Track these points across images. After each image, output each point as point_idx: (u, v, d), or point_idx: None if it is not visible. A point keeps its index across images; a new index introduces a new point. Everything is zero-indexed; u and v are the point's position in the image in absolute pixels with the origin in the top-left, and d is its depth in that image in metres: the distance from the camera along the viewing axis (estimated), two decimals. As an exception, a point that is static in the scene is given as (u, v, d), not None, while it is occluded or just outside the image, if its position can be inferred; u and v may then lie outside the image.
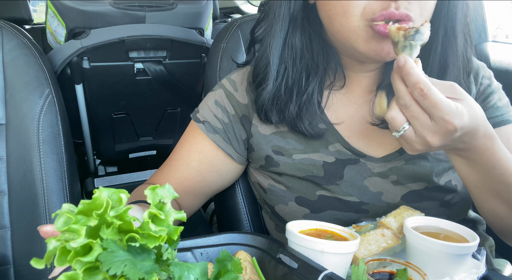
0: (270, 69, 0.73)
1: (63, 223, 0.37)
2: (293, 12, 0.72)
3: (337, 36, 0.68)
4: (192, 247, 0.54)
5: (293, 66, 0.73)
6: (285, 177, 0.77)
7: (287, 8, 0.71)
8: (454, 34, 0.68)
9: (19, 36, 0.99)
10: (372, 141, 0.76)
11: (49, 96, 0.98)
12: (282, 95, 0.74)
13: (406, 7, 0.61)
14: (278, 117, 0.75)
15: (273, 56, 0.73)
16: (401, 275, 0.52)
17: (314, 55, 0.73)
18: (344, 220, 0.75)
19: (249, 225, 0.95)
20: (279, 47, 0.73)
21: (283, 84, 0.73)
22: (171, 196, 0.40)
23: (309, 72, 0.73)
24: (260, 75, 0.75)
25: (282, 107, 0.74)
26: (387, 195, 0.74)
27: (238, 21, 1.06)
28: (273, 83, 0.73)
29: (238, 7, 3.13)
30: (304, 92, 0.73)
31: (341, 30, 0.66)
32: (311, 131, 0.74)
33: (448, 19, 0.68)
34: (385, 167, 0.74)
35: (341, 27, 0.66)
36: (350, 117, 0.77)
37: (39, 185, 0.94)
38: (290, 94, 0.73)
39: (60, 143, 0.98)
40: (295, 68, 0.73)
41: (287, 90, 0.73)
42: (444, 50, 0.69)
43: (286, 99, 0.74)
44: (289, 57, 0.73)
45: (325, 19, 0.69)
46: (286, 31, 0.72)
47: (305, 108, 0.73)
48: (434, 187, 0.74)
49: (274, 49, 0.72)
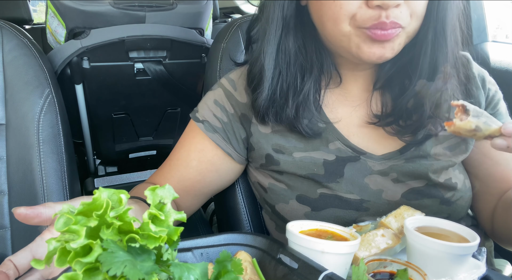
0: (265, 74, 0.73)
1: (63, 223, 0.37)
2: (285, 16, 0.72)
3: (330, 39, 0.69)
4: (192, 248, 0.54)
5: (287, 69, 0.73)
6: (286, 176, 0.77)
7: (280, 13, 0.71)
8: (444, 36, 0.68)
9: (19, 36, 0.99)
10: (372, 139, 0.77)
11: (49, 96, 0.98)
12: (278, 98, 0.74)
13: (396, 15, 0.62)
14: (275, 120, 0.75)
15: (267, 62, 0.73)
16: (402, 275, 0.52)
17: (308, 56, 0.73)
18: (345, 218, 0.75)
19: (249, 225, 0.95)
20: (273, 53, 0.73)
21: (278, 88, 0.74)
22: (171, 196, 0.40)
23: (304, 72, 0.74)
24: (255, 80, 0.75)
25: (279, 110, 0.74)
26: (387, 192, 0.74)
27: (238, 21, 1.06)
28: (268, 88, 0.74)
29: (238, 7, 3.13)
30: (300, 92, 0.73)
31: (333, 35, 0.67)
32: (309, 131, 0.74)
33: (438, 22, 0.68)
34: (385, 165, 0.75)
35: (332, 32, 0.67)
36: (348, 115, 0.78)
37: (39, 185, 0.94)
38: (285, 97, 0.74)
39: (60, 143, 0.98)
40: (290, 72, 0.73)
41: (282, 93, 0.74)
42: (433, 52, 0.69)
43: (282, 102, 0.74)
44: (283, 61, 0.73)
45: (317, 22, 0.70)
46: (280, 36, 0.72)
47: (302, 108, 0.74)
48: (434, 185, 0.74)
49: (268, 55, 0.73)
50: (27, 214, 0.48)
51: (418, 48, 0.70)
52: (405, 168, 0.74)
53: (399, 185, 0.75)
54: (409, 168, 0.74)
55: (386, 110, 0.77)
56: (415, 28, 0.67)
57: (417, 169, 0.74)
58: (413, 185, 0.74)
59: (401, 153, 0.75)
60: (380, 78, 0.77)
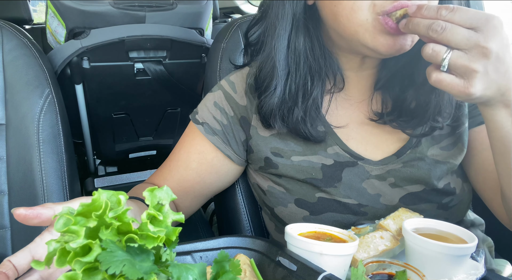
0: (277, 72, 0.71)
1: (62, 224, 0.37)
2: (295, 13, 0.70)
3: (343, 32, 0.66)
4: (191, 251, 0.54)
5: (296, 70, 0.72)
6: (284, 179, 0.77)
7: (290, 9, 0.70)
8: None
9: (19, 36, 0.99)
10: (370, 144, 0.76)
11: (49, 96, 0.98)
12: (287, 99, 0.72)
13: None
14: (282, 123, 0.74)
15: (279, 58, 0.71)
16: (400, 277, 0.52)
17: (315, 58, 0.72)
18: (343, 222, 0.75)
19: (249, 225, 0.95)
20: (284, 49, 0.71)
21: (287, 89, 0.72)
22: (169, 198, 0.40)
23: (313, 75, 0.72)
24: (266, 79, 0.73)
25: (286, 112, 0.73)
26: (385, 197, 0.74)
27: (238, 21, 1.06)
28: (281, 87, 0.72)
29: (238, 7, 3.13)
30: (310, 96, 0.72)
31: (348, 26, 0.64)
32: (315, 134, 0.74)
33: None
34: (383, 170, 0.75)
35: (347, 23, 0.64)
36: (349, 119, 0.77)
37: (39, 185, 0.94)
38: (294, 99, 0.72)
39: (60, 143, 0.98)
40: (299, 72, 0.72)
41: (291, 95, 0.72)
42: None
43: (291, 104, 0.72)
44: (293, 61, 0.71)
45: (329, 16, 0.67)
46: (289, 33, 0.71)
47: (309, 112, 0.73)
48: (432, 190, 0.74)
49: (280, 52, 0.71)
50: (27, 215, 0.48)
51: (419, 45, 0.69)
52: (403, 173, 0.74)
53: (397, 190, 0.74)
54: (407, 172, 0.74)
55: (387, 108, 0.76)
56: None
57: (415, 174, 0.74)
58: (410, 189, 0.74)
59: (397, 157, 0.75)
60: (381, 78, 0.76)
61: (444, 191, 0.74)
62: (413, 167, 0.74)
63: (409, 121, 0.73)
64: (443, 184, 0.74)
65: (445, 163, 0.75)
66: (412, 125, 0.73)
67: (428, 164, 0.74)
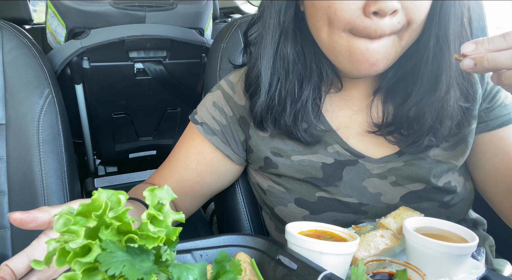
0: (262, 81, 0.72)
1: (62, 224, 0.37)
2: (283, 22, 0.70)
3: (323, 46, 0.67)
4: (191, 249, 0.54)
5: (286, 76, 0.72)
6: (284, 179, 0.77)
7: (276, 19, 0.70)
8: (447, 43, 0.65)
9: (19, 36, 0.99)
10: (371, 142, 0.76)
11: (49, 96, 0.98)
12: (276, 105, 0.73)
13: (392, 25, 0.60)
14: (274, 126, 0.74)
15: (264, 68, 0.71)
16: (401, 276, 0.52)
17: (307, 63, 0.72)
18: (344, 221, 0.75)
19: (249, 225, 0.95)
20: (270, 59, 0.71)
21: (276, 95, 0.72)
22: (169, 197, 0.40)
23: (302, 80, 0.72)
24: (252, 85, 0.74)
25: (277, 116, 0.73)
26: (386, 196, 0.74)
27: (238, 21, 1.06)
28: (265, 95, 0.72)
29: (238, 7, 3.13)
30: (298, 99, 0.72)
31: (326, 42, 0.65)
32: (308, 137, 0.74)
33: (440, 28, 0.65)
34: (384, 168, 0.74)
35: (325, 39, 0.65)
36: (348, 120, 0.77)
37: (39, 185, 0.94)
38: (283, 104, 0.72)
39: (60, 143, 0.98)
40: (288, 78, 0.72)
41: (280, 100, 0.72)
42: (436, 59, 0.67)
43: (280, 109, 0.73)
44: (281, 68, 0.72)
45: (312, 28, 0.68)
46: (277, 42, 0.71)
47: (301, 115, 0.73)
48: (433, 188, 0.74)
49: (265, 61, 0.71)
50: (23, 219, 0.48)
51: (419, 55, 0.68)
52: (404, 171, 0.74)
53: (398, 189, 0.74)
54: (408, 171, 0.74)
55: (387, 119, 0.75)
56: (412, 37, 0.64)
57: (416, 173, 0.73)
58: (411, 188, 0.74)
59: (399, 156, 0.75)
60: (381, 85, 0.75)
61: (444, 189, 0.74)
62: (414, 165, 0.74)
63: (408, 135, 0.72)
64: (443, 183, 0.74)
65: (446, 163, 0.74)
66: (410, 139, 0.72)
67: (429, 163, 0.74)
